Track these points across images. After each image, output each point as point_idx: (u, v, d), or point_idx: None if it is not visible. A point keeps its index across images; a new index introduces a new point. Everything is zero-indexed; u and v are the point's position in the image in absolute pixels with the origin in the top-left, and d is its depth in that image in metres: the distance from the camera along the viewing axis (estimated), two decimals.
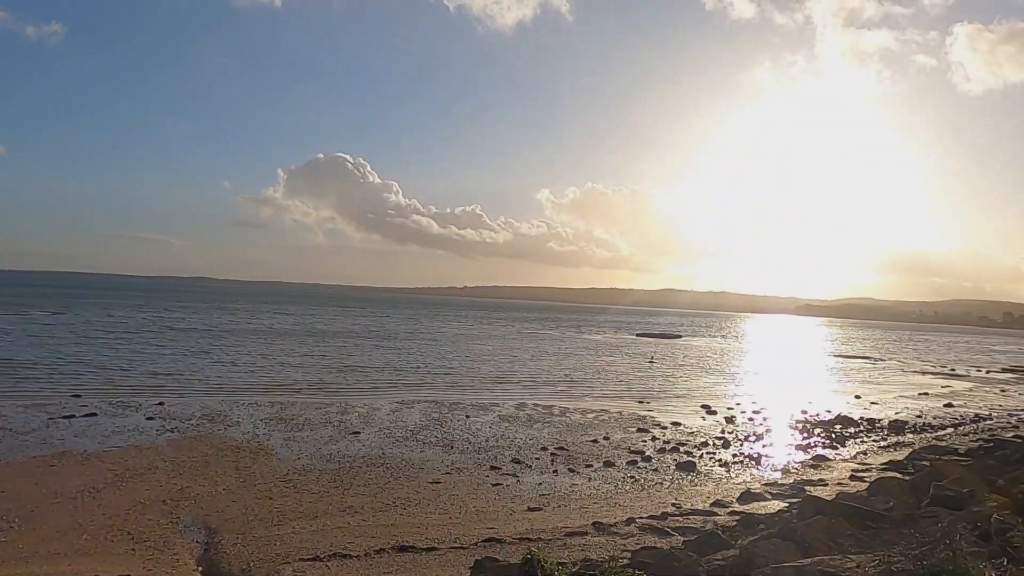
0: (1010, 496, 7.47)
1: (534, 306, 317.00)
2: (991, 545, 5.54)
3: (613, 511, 13.30)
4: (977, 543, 5.60)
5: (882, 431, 25.98)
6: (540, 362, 47.54)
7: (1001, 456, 11.19)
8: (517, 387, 33.47)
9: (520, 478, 16.09)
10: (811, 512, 6.91)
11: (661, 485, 16.09)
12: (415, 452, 18.29)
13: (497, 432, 21.76)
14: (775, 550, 5.59)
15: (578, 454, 19.20)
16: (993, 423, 29.59)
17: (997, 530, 5.74)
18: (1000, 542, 5.54)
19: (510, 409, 26.59)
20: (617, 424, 24.60)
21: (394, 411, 24.64)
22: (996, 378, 56.73)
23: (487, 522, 12.31)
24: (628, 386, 36.53)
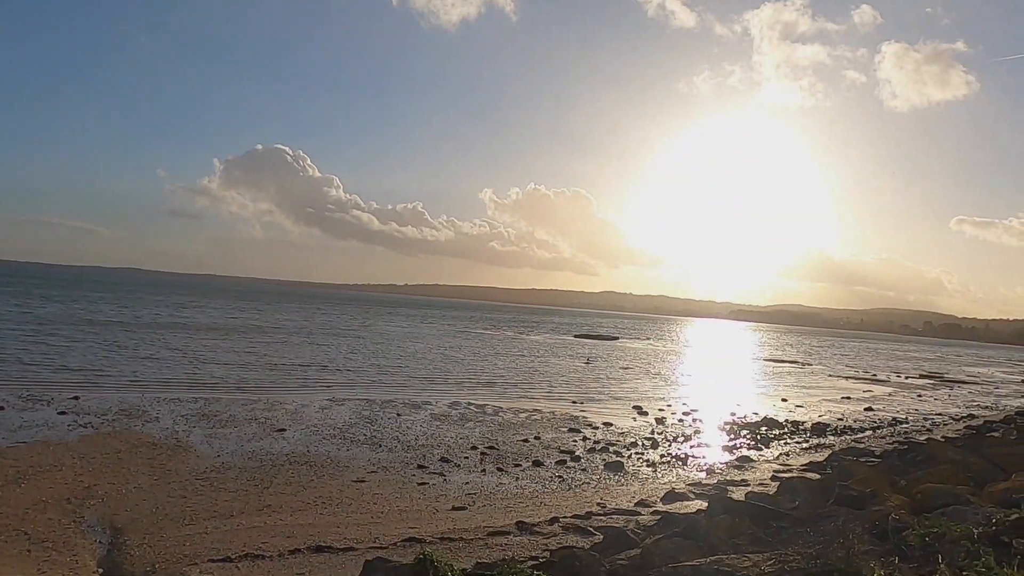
0: (910, 496, 7.69)
1: (475, 305, 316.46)
2: (887, 543, 5.67)
3: (538, 510, 13.25)
4: (873, 542, 5.73)
5: (805, 433, 26.72)
6: (477, 362, 47.41)
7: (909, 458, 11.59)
8: (452, 386, 33.23)
9: (447, 477, 15.91)
10: (719, 511, 6.97)
11: (588, 485, 16.14)
12: (341, 450, 17.91)
13: (428, 431, 21.52)
14: (676, 549, 5.60)
15: (508, 453, 19.12)
16: (908, 426, 30.79)
17: (894, 529, 5.88)
18: (896, 540, 5.67)
19: (443, 408, 26.35)
20: (549, 424, 24.64)
21: (324, 408, 24.11)
22: (914, 383, 59.22)
23: (409, 522, 12.10)
24: (563, 387, 36.70)
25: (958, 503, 7.01)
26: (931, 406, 41.18)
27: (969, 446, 12.13)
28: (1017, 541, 5.35)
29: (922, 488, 7.77)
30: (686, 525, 6.33)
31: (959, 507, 6.74)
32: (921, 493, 7.58)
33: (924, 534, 5.58)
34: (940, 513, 6.63)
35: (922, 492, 7.60)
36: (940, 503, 7.12)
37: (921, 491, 7.63)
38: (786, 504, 7.30)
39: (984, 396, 50.97)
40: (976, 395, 51.67)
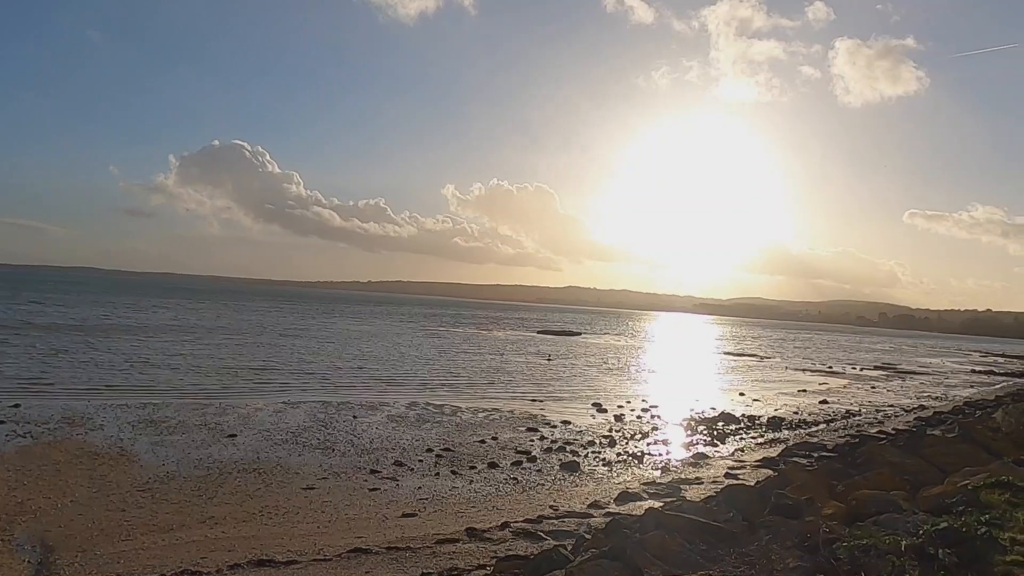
0: (846, 503, 7.71)
1: (438, 302, 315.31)
2: (818, 557, 5.66)
3: (490, 515, 13.11)
4: (802, 556, 5.71)
5: (761, 428, 27.02)
6: (437, 360, 47.11)
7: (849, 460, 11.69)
8: (411, 386, 32.93)
9: (400, 482, 15.68)
10: (651, 525, 6.90)
11: (542, 486, 16.05)
12: (293, 456, 17.55)
13: (383, 433, 21.23)
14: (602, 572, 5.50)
15: (464, 455, 18.95)
16: (861, 419, 31.35)
17: (825, 541, 5.87)
18: (826, 554, 5.65)
19: (401, 409, 26.05)
20: (507, 423, 24.52)
21: (277, 412, 23.65)
22: (868, 375, 60.49)
23: (357, 531, 11.85)
24: (523, 384, 36.63)
25: (891, 510, 7.03)
26: (884, 398, 42.06)
27: (908, 446, 12.29)
28: (943, 552, 5.38)
29: (857, 495, 7.80)
30: (615, 543, 6.22)
31: (892, 515, 6.76)
32: (856, 500, 7.60)
33: (853, 546, 5.58)
34: (873, 522, 6.65)
35: (857, 499, 7.62)
36: (874, 510, 7.13)
37: (856, 498, 7.65)
38: (721, 516, 7.26)
39: (935, 387, 52.24)
40: (927, 386, 52.95)
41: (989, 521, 6.47)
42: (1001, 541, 5.81)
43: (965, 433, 13.18)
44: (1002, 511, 6.94)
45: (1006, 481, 8.05)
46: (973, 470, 9.01)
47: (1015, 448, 11.42)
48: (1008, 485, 7.93)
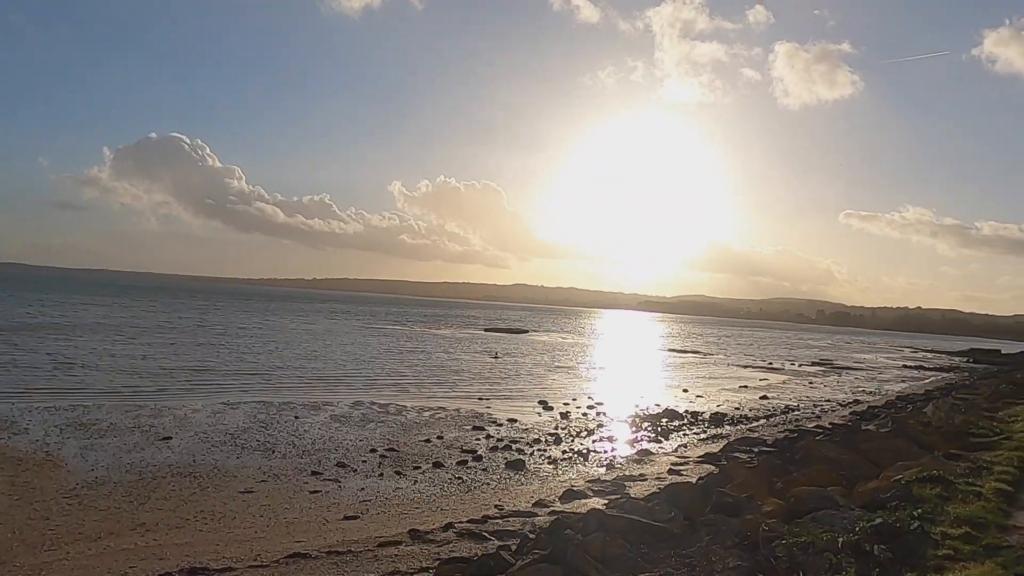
0: (785, 500, 7.83)
1: (385, 299, 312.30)
2: (758, 555, 5.70)
3: (434, 516, 12.94)
4: (742, 556, 5.75)
5: (703, 423, 27.45)
6: (382, 358, 46.58)
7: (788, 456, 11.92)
8: (355, 385, 32.42)
9: (342, 483, 15.37)
10: (593, 527, 6.87)
11: (488, 486, 15.95)
12: (231, 458, 17.04)
13: (326, 434, 20.82)
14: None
15: (408, 455, 18.71)
16: (799, 414, 32.18)
17: (765, 539, 5.93)
18: (766, 552, 5.70)
19: (345, 409, 25.61)
20: (453, 422, 24.34)
21: (216, 413, 22.96)
22: (806, 371, 62.26)
23: (296, 535, 11.54)
24: (470, 383, 36.48)
25: (829, 507, 7.17)
26: (821, 393, 43.30)
27: (845, 441, 12.61)
28: (878, 548, 5.48)
29: (795, 491, 7.91)
30: (555, 546, 6.17)
31: (829, 511, 6.88)
32: (795, 497, 7.71)
33: (792, 544, 5.64)
34: (811, 518, 6.75)
35: (795, 496, 7.74)
36: (812, 507, 7.25)
37: (795, 495, 7.76)
38: (663, 515, 7.28)
39: (869, 382, 54.05)
40: (862, 381, 54.75)
41: (921, 515, 6.64)
42: (933, 535, 5.96)
43: (898, 428, 13.60)
44: (933, 505, 7.14)
45: (936, 475, 8.31)
46: (906, 464, 9.27)
47: (944, 442, 11.83)
48: (939, 479, 8.18)
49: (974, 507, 7.30)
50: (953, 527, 6.42)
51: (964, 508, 7.26)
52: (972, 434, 12.76)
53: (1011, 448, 11.33)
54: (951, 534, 6.14)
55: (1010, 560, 5.60)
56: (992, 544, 6.06)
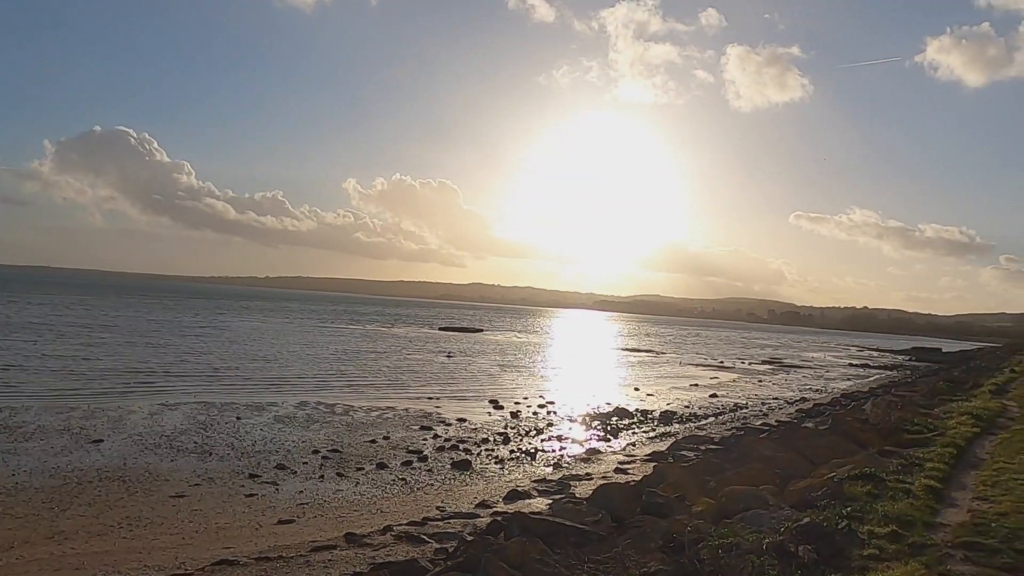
0: (716, 499, 7.75)
1: (339, 298, 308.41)
2: (682, 558, 5.57)
3: (373, 519, 12.59)
4: (664, 559, 5.61)
5: (653, 422, 27.55)
6: (333, 358, 45.80)
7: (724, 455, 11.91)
8: (303, 385, 31.69)
9: (280, 486, 14.90)
10: (516, 530, 6.67)
11: (432, 487, 15.65)
12: (164, 461, 16.39)
13: (268, 435, 20.24)
14: None
15: (352, 456, 18.29)
16: (748, 411, 32.59)
17: (689, 541, 5.81)
18: (691, 554, 5.58)
19: (290, 409, 24.99)
20: (401, 422, 23.95)
21: (153, 414, 22.15)
22: (756, 369, 63.27)
23: (226, 541, 11.08)
24: (421, 382, 36.06)
25: (758, 506, 7.10)
26: (769, 391, 43.99)
27: (783, 439, 12.67)
28: (803, 549, 5.39)
29: (726, 491, 7.84)
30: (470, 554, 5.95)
31: (758, 511, 6.81)
32: (725, 496, 7.63)
33: (717, 546, 5.53)
34: (740, 519, 6.66)
35: (726, 495, 7.66)
36: (742, 507, 7.18)
37: (726, 494, 7.69)
38: (590, 517, 7.11)
39: (816, 380, 55.15)
40: (809, 379, 55.84)
41: (850, 514, 6.60)
42: (860, 534, 5.91)
43: (836, 425, 13.73)
44: (863, 503, 7.12)
45: (868, 473, 8.33)
46: (841, 462, 9.29)
47: (880, 439, 11.97)
48: (870, 477, 8.19)
49: (903, 505, 7.33)
50: (880, 526, 6.40)
51: (893, 506, 7.28)
52: (907, 431, 12.95)
53: (943, 445, 11.50)
54: (878, 533, 6.11)
55: (933, 560, 5.57)
56: (918, 543, 6.04)
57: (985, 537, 6.48)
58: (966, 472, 10.24)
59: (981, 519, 7.25)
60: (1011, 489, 8.86)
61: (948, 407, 17.63)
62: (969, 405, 17.48)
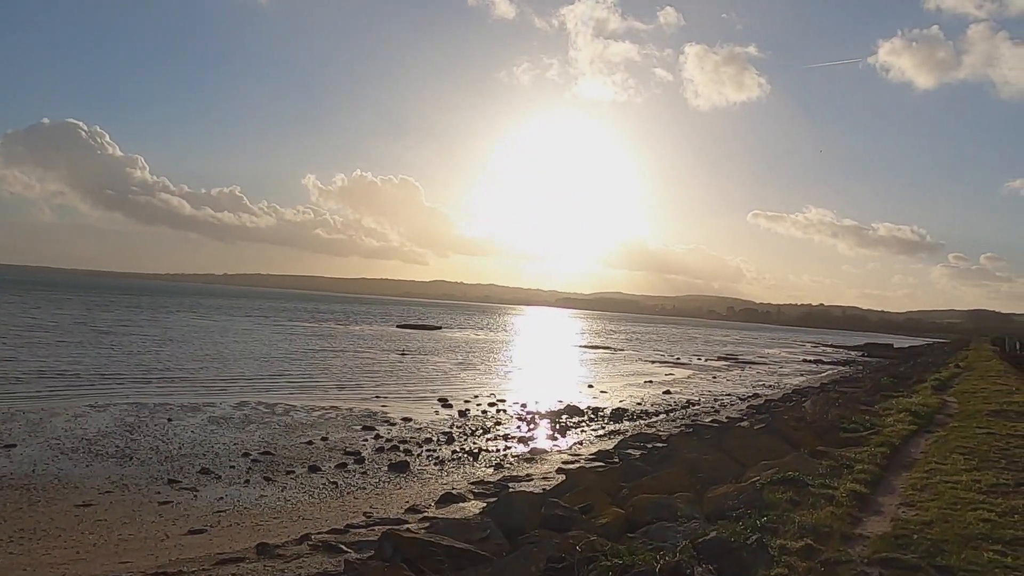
0: (625, 508, 7.24)
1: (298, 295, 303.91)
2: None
3: (293, 526, 11.87)
4: None
5: (603, 420, 27.20)
6: (282, 356, 44.63)
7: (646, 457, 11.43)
8: (246, 384, 30.62)
9: (199, 492, 14.07)
10: (388, 551, 6.11)
11: (364, 490, 14.96)
12: (78, 467, 15.41)
13: (199, 437, 19.31)
14: None
15: (285, 458, 17.50)
16: (699, 408, 32.47)
17: (580, 561, 5.24)
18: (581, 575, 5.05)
19: (227, 409, 24.01)
20: (343, 422, 23.18)
21: (78, 417, 21.01)
22: (712, 365, 63.64)
23: (125, 554, 10.27)
24: (370, 380, 35.24)
25: (668, 517, 6.58)
26: (723, 387, 44.11)
27: (714, 439, 12.26)
28: (702, 570, 4.88)
29: (636, 500, 7.30)
30: None
31: (665, 524, 6.29)
32: (634, 506, 7.10)
33: (610, 567, 5.00)
34: (644, 532, 6.15)
35: (635, 505, 7.12)
36: (651, 518, 6.66)
37: (635, 504, 7.15)
38: (477, 534, 6.55)
39: (769, 376, 55.65)
40: (763, 375, 56.32)
41: (764, 525, 6.12)
42: (771, 549, 5.42)
43: (770, 424, 13.39)
44: (781, 512, 6.64)
45: (792, 477, 7.90)
46: (769, 464, 8.87)
47: (815, 438, 11.62)
48: (794, 481, 7.76)
49: (823, 513, 6.93)
50: (795, 539, 5.89)
51: (812, 515, 6.86)
52: (844, 429, 12.66)
53: (877, 444, 11.18)
54: (791, 548, 5.61)
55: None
56: (832, 559, 5.55)
57: (905, 551, 6.13)
58: (897, 474, 10.00)
59: (904, 529, 6.89)
60: (940, 493, 8.57)
61: (888, 403, 17.49)
62: (909, 401, 17.36)
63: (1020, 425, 13.93)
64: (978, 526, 7.33)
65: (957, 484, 9.08)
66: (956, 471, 9.86)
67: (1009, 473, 9.81)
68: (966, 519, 7.53)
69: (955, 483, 9.13)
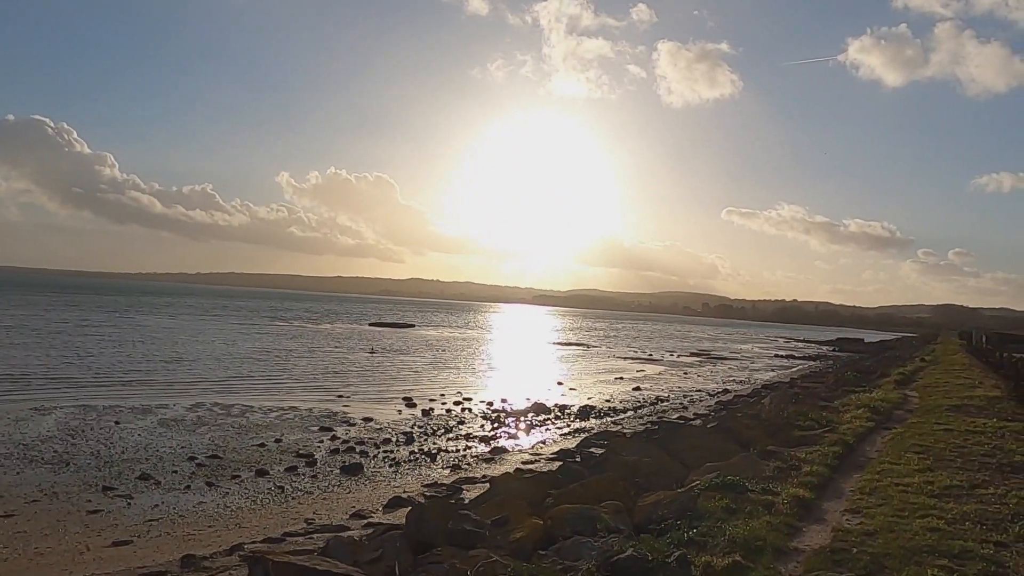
0: (544, 519, 6.65)
1: (273, 294, 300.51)
2: None
3: (226, 536, 11.24)
4: None
5: (570, 417, 26.79)
6: (247, 355, 43.65)
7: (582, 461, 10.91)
8: (204, 385, 29.74)
9: (134, 500, 13.35)
10: None
11: (311, 495, 14.35)
12: (9, 474, 14.59)
13: (145, 440, 18.54)
14: None
15: (232, 462, 16.81)
16: (668, 404, 32.20)
17: None
18: None
19: (181, 411, 23.21)
20: (301, 423, 22.51)
21: (19, 421, 20.10)
22: (684, 361, 63.62)
23: (40, 569, 9.59)
24: (335, 379, 34.53)
25: (588, 531, 6.01)
26: (694, 383, 43.94)
27: (661, 439, 11.77)
28: None
29: (554, 512, 6.64)
30: None
31: (581, 539, 5.74)
32: (552, 518, 6.49)
33: None
34: (556, 550, 5.63)
35: (554, 516, 6.50)
36: (569, 530, 6.11)
37: (553, 515, 6.53)
38: (369, 554, 6.00)
39: (741, 371, 55.66)
40: (734, 370, 56.32)
41: (692, 539, 5.63)
42: (694, 568, 4.93)
43: (723, 423, 12.93)
44: (715, 522, 6.14)
45: (732, 482, 7.40)
46: (714, 466, 8.40)
47: (767, 436, 11.18)
48: (734, 486, 7.27)
49: (758, 524, 6.39)
50: (723, 555, 5.36)
51: (746, 526, 6.29)
52: (799, 427, 12.26)
53: (830, 443, 10.76)
54: (716, 566, 5.10)
55: None
56: None
57: (842, 568, 5.61)
58: (847, 476, 9.55)
59: (844, 542, 6.35)
60: (889, 498, 8.07)
61: (848, 399, 17.20)
62: (869, 396, 17.08)
63: (979, 420, 13.68)
64: (925, 536, 6.82)
65: (908, 487, 8.62)
66: (909, 472, 9.43)
67: (963, 474, 9.43)
68: (913, 528, 7.02)
69: (906, 486, 8.66)
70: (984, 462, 10.32)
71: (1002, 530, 7.28)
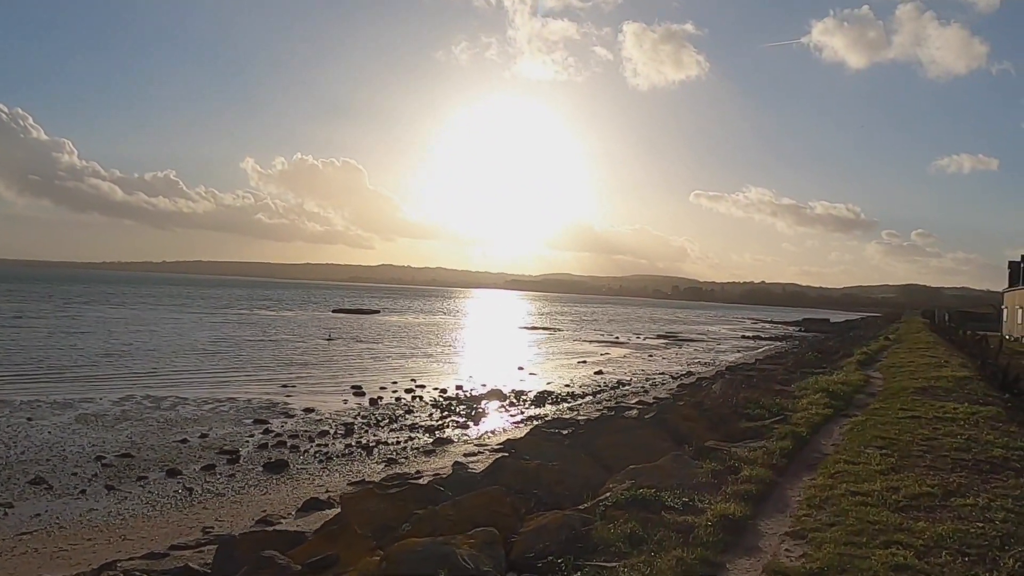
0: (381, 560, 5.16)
1: (238, 282, 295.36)
2: None
3: (103, 550, 9.85)
4: None
5: (525, 404, 25.68)
6: (196, 347, 41.81)
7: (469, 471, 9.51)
8: (142, 377, 28.01)
9: (14, 509, 11.84)
10: None
11: (220, 498, 12.98)
12: None
13: (53, 439, 16.97)
14: None
15: (145, 461, 15.36)
16: (629, 388, 31.23)
17: None
18: None
19: (105, 405, 21.62)
20: (234, 416, 21.09)
21: None
22: (650, 344, 62.95)
23: None
24: (281, 368, 33.03)
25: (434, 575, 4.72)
26: (658, 366, 43.13)
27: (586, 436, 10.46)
28: None
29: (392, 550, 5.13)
30: None
31: None
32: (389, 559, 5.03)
33: None
34: None
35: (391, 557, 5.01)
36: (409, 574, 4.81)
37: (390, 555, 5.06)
38: None
39: (706, 353, 55.05)
40: (700, 352, 55.72)
41: None
42: None
43: (659, 414, 11.68)
44: (610, 557, 4.74)
45: (645, 496, 6.01)
46: (636, 469, 7.13)
47: (708, 430, 9.88)
48: (647, 502, 5.87)
49: (664, 564, 4.86)
50: None
51: (651, 565, 4.82)
52: (748, 416, 11.11)
53: (780, 436, 9.54)
54: None
55: None
56: None
57: None
58: (796, 480, 8.20)
59: None
60: (843, 512, 6.53)
61: (806, 382, 16.15)
62: (829, 379, 16.00)
63: (948, 405, 12.63)
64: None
65: (868, 496, 7.10)
66: (869, 474, 8.02)
67: (935, 475, 8.05)
68: (872, 563, 5.35)
69: (865, 495, 7.14)
70: (958, 459, 9.06)
71: (990, 562, 5.64)
